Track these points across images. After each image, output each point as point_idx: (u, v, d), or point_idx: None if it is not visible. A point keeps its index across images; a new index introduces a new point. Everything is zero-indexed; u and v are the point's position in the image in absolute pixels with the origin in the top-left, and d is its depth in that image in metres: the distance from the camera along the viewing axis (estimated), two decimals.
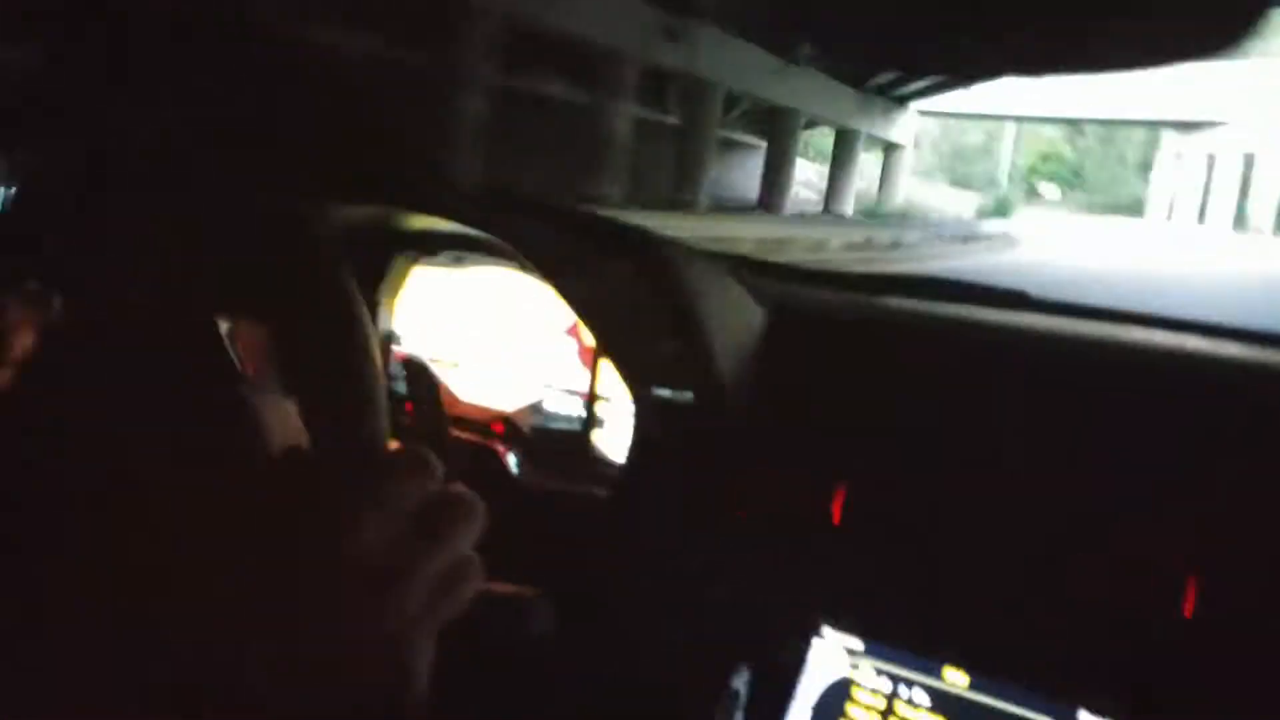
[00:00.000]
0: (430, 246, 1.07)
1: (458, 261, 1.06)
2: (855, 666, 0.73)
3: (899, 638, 0.73)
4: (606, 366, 0.95)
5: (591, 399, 0.96)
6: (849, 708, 0.71)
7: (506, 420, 1.00)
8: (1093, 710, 0.66)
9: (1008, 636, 0.71)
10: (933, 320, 0.98)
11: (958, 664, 0.71)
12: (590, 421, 0.96)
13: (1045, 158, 42.66)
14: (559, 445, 0.97)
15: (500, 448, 0.94)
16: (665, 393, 0.84)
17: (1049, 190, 41.91)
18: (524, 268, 1.02)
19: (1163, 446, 0.73)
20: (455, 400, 1.05)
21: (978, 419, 0.81)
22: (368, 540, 0.36)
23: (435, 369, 1.06)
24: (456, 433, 0.97)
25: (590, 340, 0.96)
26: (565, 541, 0.89)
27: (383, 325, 1.10)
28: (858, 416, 0.85)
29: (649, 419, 0.82)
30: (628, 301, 0.88)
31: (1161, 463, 0.73)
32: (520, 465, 0.93)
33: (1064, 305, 1.16)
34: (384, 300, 1.10)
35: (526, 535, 0.95)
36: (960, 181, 36.99)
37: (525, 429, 0.99)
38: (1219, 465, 0.71)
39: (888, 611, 0.75)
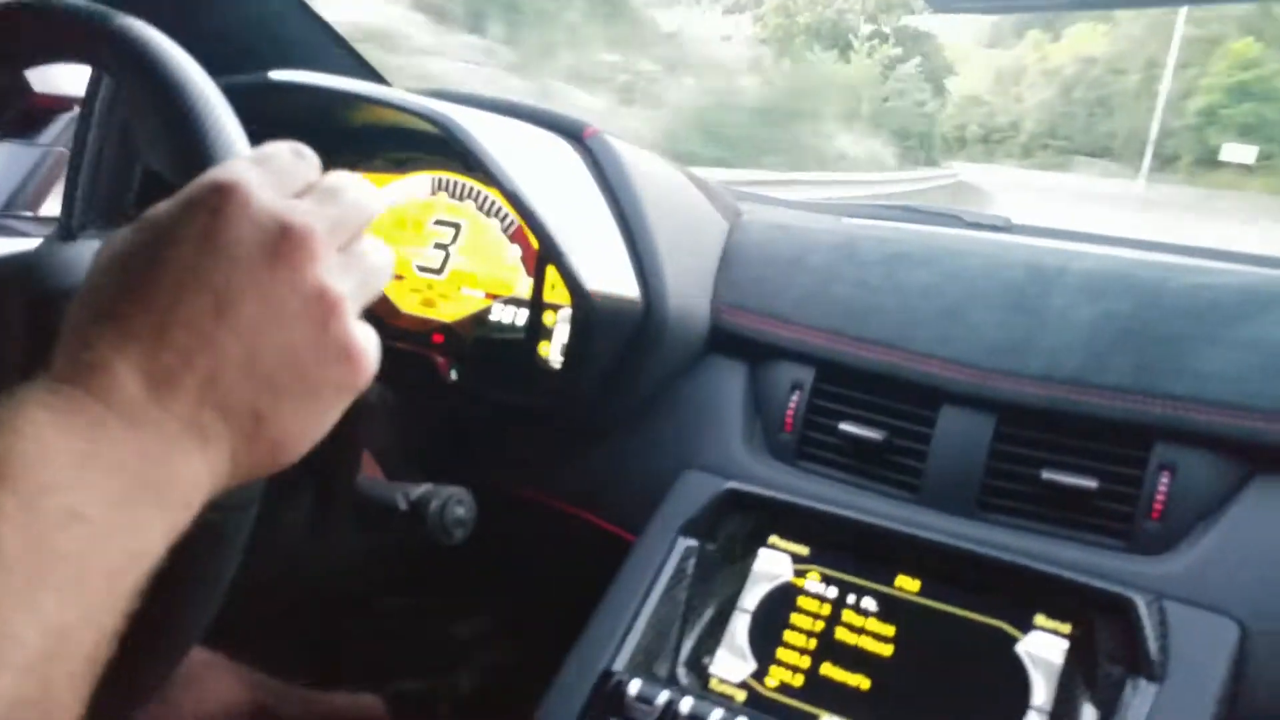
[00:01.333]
0: (368, 148, 1.01)
1: (398, 166, 1.01)
2: (801, 573, 0.69)
3: (849, 547, 0.70)
4: (552, 273, 0.90)
5: (538, 308, 0.91)
6: (793, 616, 0.67)
7: (447, 330, 0.95)
8: (1051, 616, 0.62)
9: (962, 545, 0.67)
10: (907, 233, 0.94)
11: (910, 572, 0.67)
12: (536, 331, 0.91)
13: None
14: (503, 355, 0.92)
15: (440, 358, 0.89)
16: (611, 295, 0.79)
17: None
18: (467, 169, 0.97)
19: (1127, 346, 0.69)
20: (396, 311, 1.00)
21: (945, 319, 0.76)
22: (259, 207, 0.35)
23: None
24: (396, 343, 0.93)
25: (535, 243, 0.91)
26: (499, 446, 0.85)
27: None
28: (818, 318, 0.81)
29: (592, 322, 0.77)
30: (576, 200, 0.83)
31: (1122, 359, 0.69)
32: (460, 375, 0.88)
33: (1050, 230, 1.13)
34: None
35: (462, 441, 0.92)
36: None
37: (468, 340, 0.94)
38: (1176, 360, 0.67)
39: (839, 521, 0.71)
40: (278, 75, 0.87)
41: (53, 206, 1.35)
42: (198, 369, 0.33)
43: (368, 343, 0.37)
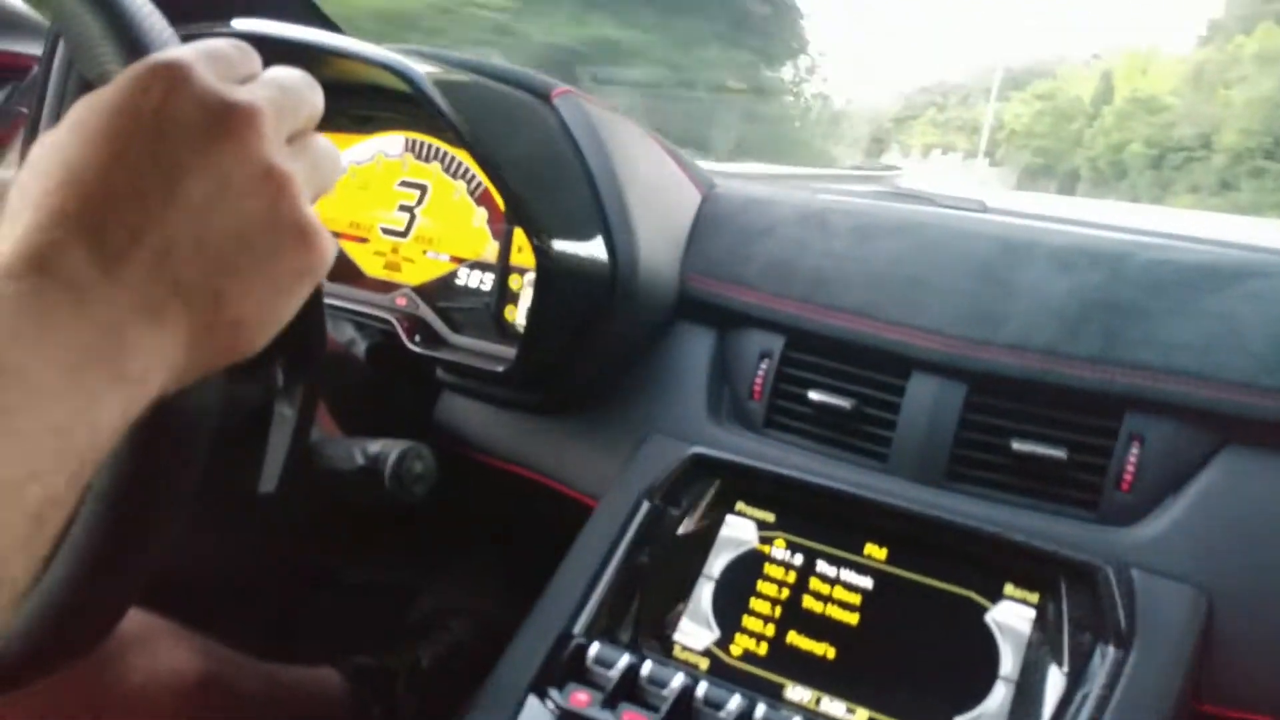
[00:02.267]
0: (332, 105, 0.99)
1: (362, 124, 0.99)
2: (767, 540, 0.68)
3: (816, 514, 0.69)
4: (520, 236, 0.88)
5: (504, 271, 0.89)
6: (759, 584, 0.66)
7: (410, 294, 0.93)
8: (1019, 585, 0.62)
9: (930, 513, 0.66)
10: (873, 208, 0.94)
11: (878, 540, 0.66)
12: (503, 295, 0.89)
13: None
14: (469, 320, 0.91)
15: (400, 322, 0.87)
16: (578, 259, 0.77)
17: None
18: (434, 129, 0.95)
19: (1099, 330, 0.69)
20: (359, 274, 0.98)
21: (915, 287, 0.76)
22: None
23: (340, 244, 0.99)
24: (354, 307, 0.91)
25: (503, 208, 0.89)
26: (462, 411, 0.83)
27: None
28: (787, 286, 0.80)
29: (556, 287, 0.76)
30: (544, 161, 0.81)
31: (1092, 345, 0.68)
32: (420, 340, 0.86)
33: (1020, 212, 1.13)
34: None
35: (423, 406, 0.90)
36: None
37: (432, 303, 0.92)
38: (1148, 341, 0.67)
39: (806, 488, 0.70)
40: (240, 24, 0.84)
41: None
42: (147, 245, 0.32)
43: (324, 231, 0.36)
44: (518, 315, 0.88)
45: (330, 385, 0.77)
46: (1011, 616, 0.61)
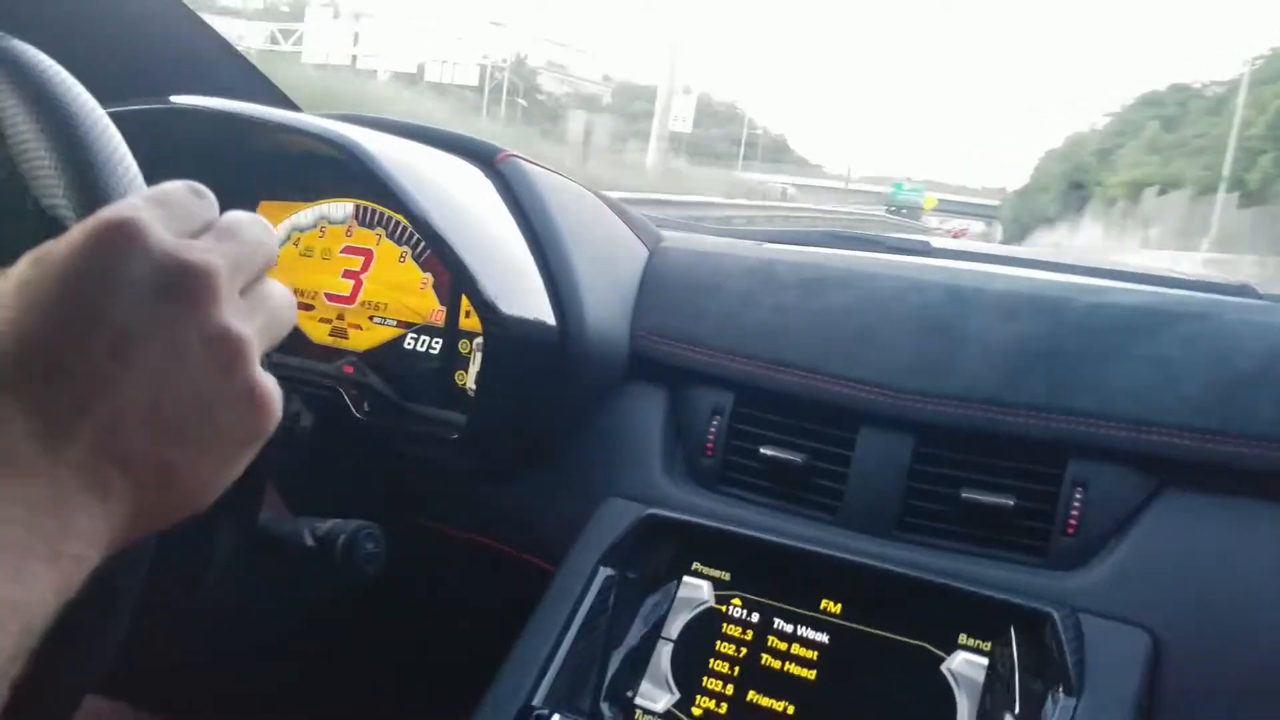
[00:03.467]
0: (275, 175, 1.00)
1: (305, 193, 1.00)
2: (723, 600, 0.69)
3: (771, 572, 0.70)
4: (467, 301, 0.89)
5: (453, 336, 0.90)
6: (717, 643, 0.67)
7: (357, 363, 0.93)
8: (973, 634, 0.63)
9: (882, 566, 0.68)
10: (826, 257, 0.96)
11: (832, 595, 0.67)
12: (453, 359, 0.90)
13: None
14: (419, 386, 0.91)
15: (347, 391, 0.87)
16: (527, 324, 0.79)
17: None
18: (376, 196, 0.96)
19: (1045, 369, 0.72)
20: (307, 343, 0.98)
21: (861, 341, 0.78)
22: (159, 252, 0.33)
23: None
24: (304, 377, 0.91)
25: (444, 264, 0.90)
26: (413, 480, 0.83)
27: None
28: (735, 343, 0.82)
29: (506, 352, 0.77)
30: (489, 226, 0.83)
31: (1036, 386, 0.71)
32: (368, 409, 0.86)
33: (968, 254, 1.17)
34: None
35: (373, 476, 0.90)
36: None
37: (380, 370, 0.92)
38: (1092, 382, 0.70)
39: (760, 546, 0.71)
40: (180, 100, 0.85)
41: None
42: (95, 416, 0.31)
43: (272, 390, 0.36)
44: (469, 380, 0.89)
45: (277, 463, 0.77)
46: (966, 666, 0.62)
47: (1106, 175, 54.21)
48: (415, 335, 0.93)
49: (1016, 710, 0.60)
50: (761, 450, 0.77)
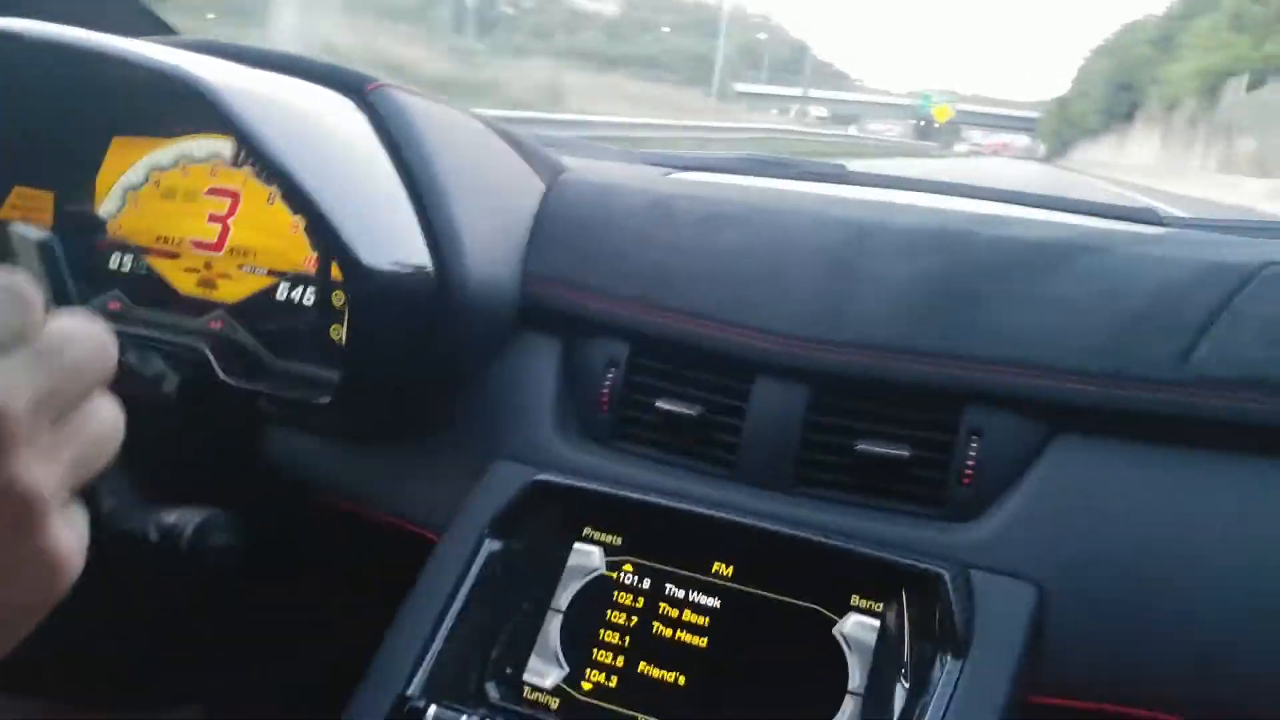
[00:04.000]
0: (126, 107, 0.92)
1: (160, 125, 0.92)
2: (614, 566, 0.67)
3: (663, 535, 0.68)
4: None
5: (326, 286, 0.85)
6: (609, 613, 0.65)
7: (225, 316, 0.87)
8: (865, 596, 0.62)
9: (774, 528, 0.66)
10: (727, 190, 0.92)
11: (725, 558, 0.66)
12: (326, 313, 0.85)
13: None
14: (293, 341, 0.86)
15: (212, 350, 0.81)
16: (390, 266, 0.73)
17: None
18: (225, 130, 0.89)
19: (949, 304, 0.70)
20: (172, 293, 0.91)
21: (759, 284, 0.75)
22: None
23: (149, 262, 0.92)
24: (161, 334, 0.84)
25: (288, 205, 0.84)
26: (286, 449, 0.79)
27: (82, 210, 0.95)
28: (629, 288, 0.78)
29: (375, 305, 0.72)
30: (355, 165, 0.77)
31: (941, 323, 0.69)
32: (238, 369, 0.81)
33: (879, 178, 1.14)
34: (84, 179, 0.95)
35: (235, 446, 0.85)
36: None
37: (251, 326, 0.86)
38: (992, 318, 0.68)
39: (652, 508, 0.69)
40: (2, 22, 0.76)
41: None
42: None
43: (71, 547, 0.32)
44: (344, 334, 0.84)
45: (135, 433, 0.72)
46: (858, 628, 0.62)
47: (1168, 68, 40.37)
48: (289, 285, 0.87)
49: (906, 673, 0.59)
50: (657, 404, 0.74)
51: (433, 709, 0.59)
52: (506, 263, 0.83)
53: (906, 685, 0.58)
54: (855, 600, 0.62)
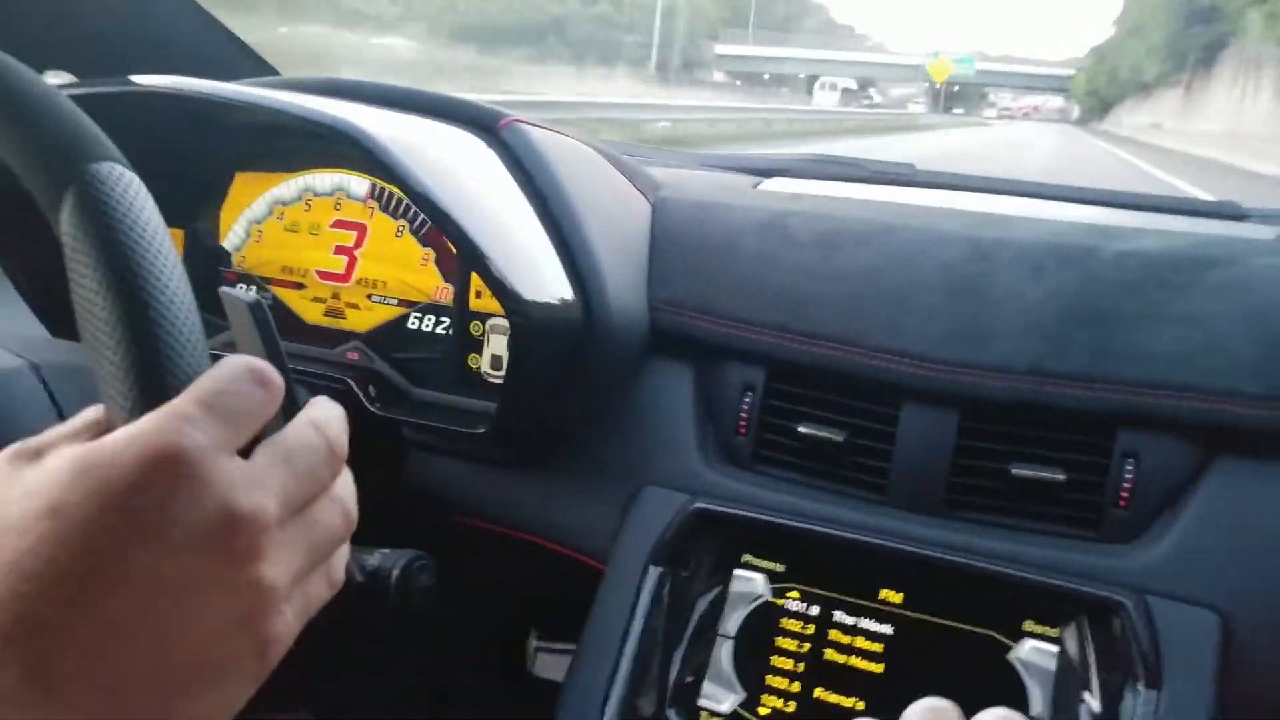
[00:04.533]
0: (255, 146, 0.94)
1: (286, 163, 0.94)
2: (780, 592, 0.69)
3: (826, 561, 0.70)
4: (477, 279, 0.86)
5: (463, 319, 0.87)
6: (778, 639, 0.67)
7: (361, 347, 0.89)
8: (1040, 621, 0.64)
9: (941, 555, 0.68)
10: (832, 205, 0.94)
11: (891, 584, 0.67)
12: (464, 344, 0.87)
13: None
14: (427, 371, 0.88)
15: (353, 380, 0.84)
16: (550, 306, 0.75)
17: None
18: (368, 168, 0.91)
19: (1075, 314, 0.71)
20: (300, 324, 0.94)
21: (893, 306, 0.76)
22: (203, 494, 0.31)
23: (274, 292, 0.95)
24: (302, 365, 0.87)
25: (454, 250, 0.86)
26: (437, 475, 0.81)
27: (207, 244, 0.97)
28: (761, 313, 0.80)
29: (532, 338, 0.74)
30: (498, 201, 0.79)
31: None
32: (376, 399, 0.83)
33: (951, 178, 1.15)
34: (209, 214, 0.97)
35: (391, 476, 0.87)
36: None
37: (386, 356, 0.89)
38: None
39: (812, 535, 0.71)
40: (142, 80, 0.78)
41: None
42: (101, 669, 0.29)
43: (289, 629, 0.34)
44: (483, 364, 0.86)
45: None
46: (1035, 654, 0.63)
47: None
48: (419, 315, 0.90)
49: (1093, 701, 0.61)
50: (799, 429, 0.76)
51: None
52: (635, 287, 0.85)
53: (1096, 712, 0.60)
54: (1029, 626, 0.64)
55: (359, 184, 0.92)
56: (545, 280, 0.76)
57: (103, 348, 0.35)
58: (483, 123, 0.83)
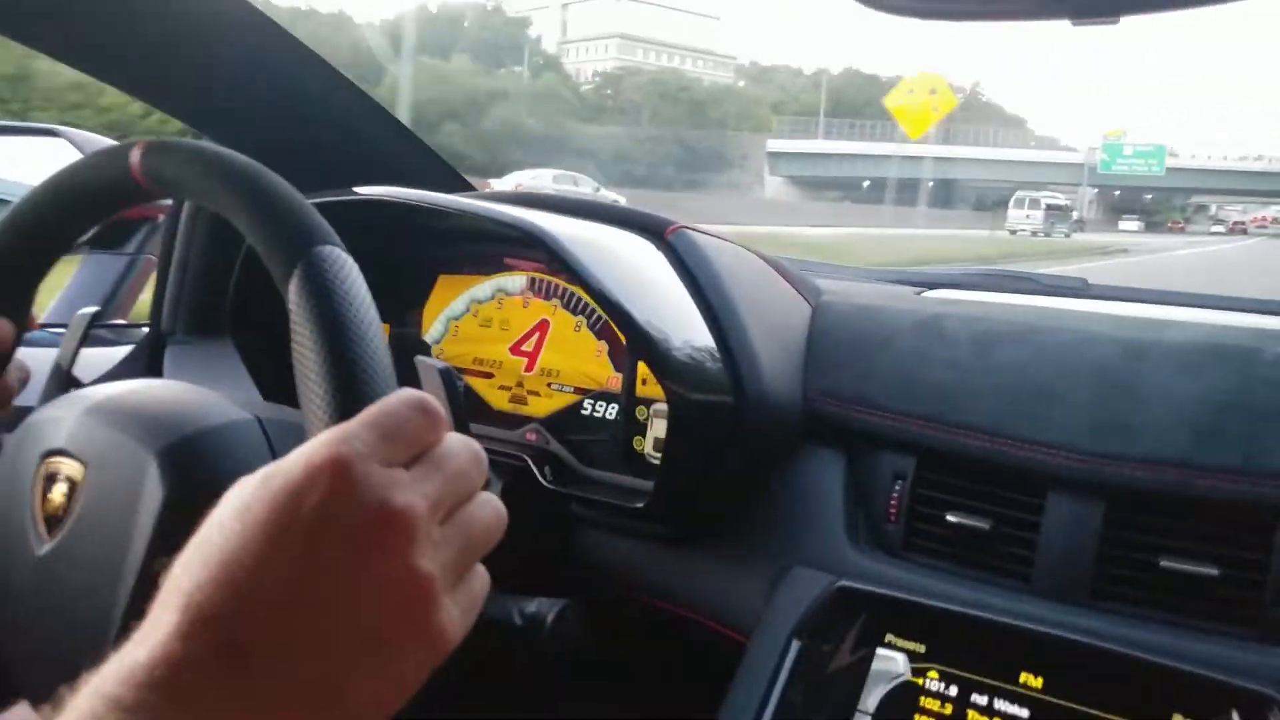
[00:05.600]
0: (454, 249, 1.08)
1: (484, 266, 1.08)
2: (920, 672, 0.72)
3: (967, 643, 0.72)
4: (644, 368, 0.95)
5: (630, 402, 0.96)
6: (916, 717, 0.70)
7: (540, 429, 1.00)
8: (1188, 714, 0.64)
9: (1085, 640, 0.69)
10: (990, 308, 0.98)
11: (1032, 668, 0.69)
12: (630, 427, 0.96)
13: None
14: (596, 452, 0.97)
15: (531, 459, 0.94)
16: (707, 394, 0.83)
17: None
18: (550, 269, 1.03)
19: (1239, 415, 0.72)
20: (488, 409, 1.06)
21: (1042, 400, 0.79)
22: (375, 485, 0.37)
23: (467, 380, 1.08)
24: (487, 446, 0.98)
25: (624, 340, 0.96)
26: (595, 549, 0.89)
27: (411, 337, 1.12)
28: (913, 404, 0.84)
29: (689, 422, 0.82)
30: (665, 298, 0.88)
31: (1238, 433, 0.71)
32: (550, 475, 0.93)
33: (1124, 290, 1.16)
34: (413, 311, 1.12)
35: (551, 545, 0.96)
36: None
37: (561, 438, 0.99)
38: None
39: (954, 617, 0.74)
40: (363, 191, 0.94)
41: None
42: (276, 647, 0.35)
43: (453, 626, 0.39)
44: (646, 446, 0.95)
45: None
46: None
47: None
48: (592, 401, 1.00)
49: None
50: (948, 517, 0.80)
51: None
52: (790, 380, 0.91)
53: None
54: (1178, 719, 0.64)
55: (545, 283, 1.05)
56: (704, 368, 0.84)
57: (313, 392, 0.46)
58: (652, 228, 0.94)
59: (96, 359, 1.23)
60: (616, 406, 0.97)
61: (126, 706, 0.33)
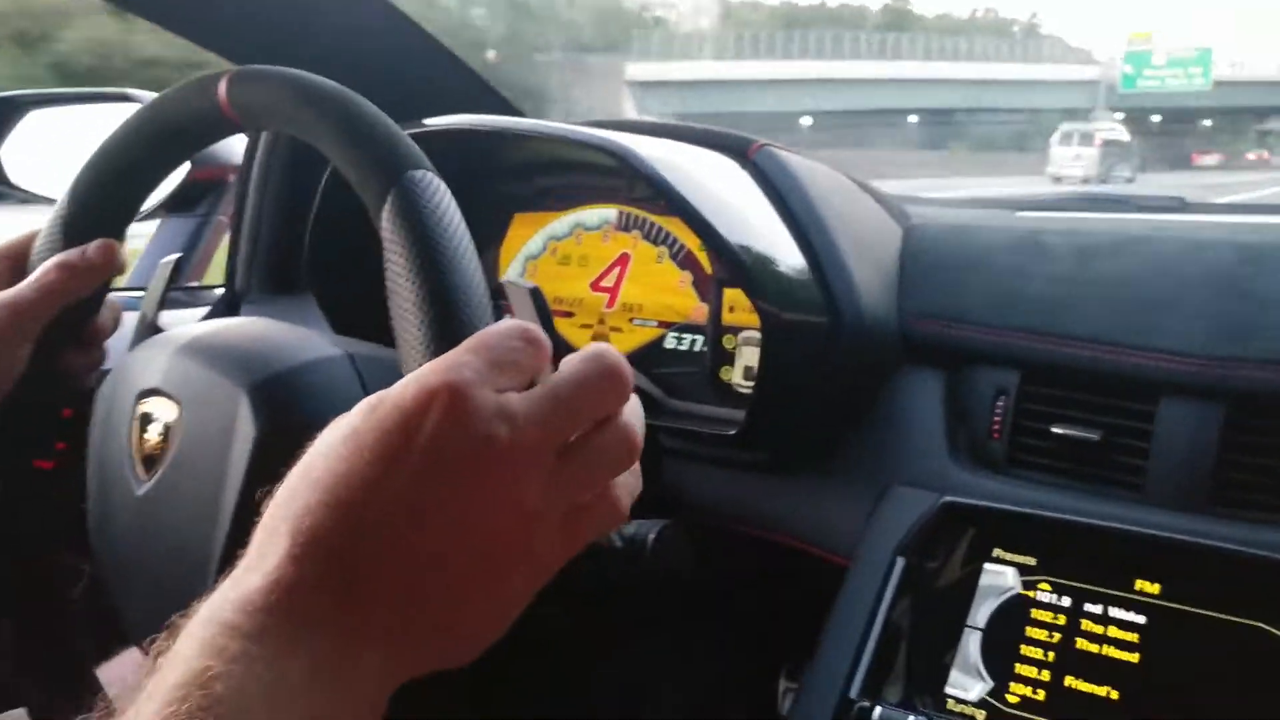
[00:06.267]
0: (527, 184, 1.09)
1: (561, 201, 1.08)
2: (1030, 585, 0.71)
3: (1078, 554, 0.72)
4: (730, 295, 0.95)
5: (717, 332, 0.96)
6: (1028, 629, 0.70)
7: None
8: None
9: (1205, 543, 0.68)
10: (1090, 222, 0.96)
11: (1148, 575, 0.69)
12: (718, 356, 0.96)
13: None
14: (684, 384, 0.98)
15: None
16: (801, 316, 0.83)
17: None
18: (631, 199, 1.04)
19: None
20: (570, 350, 1.07)
21: (1153, 308, 0.78)
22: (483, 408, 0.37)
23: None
24: None
25: (710, 269, 0.96)
26: (691, 477, 0.90)
27: (489, 279, 1.13)
28: (1015, 318, 0.83)
29: (783, 346, 0.82)
30: (754, 218, 0.88)
31: None
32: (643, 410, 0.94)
33: (1224, 206, 1.14)
34: (489, 252, 1.14)
35: (650, 479, 0.97)
36: None
37: (646, 371, 1.00)
38: None
39: (1065, 527, 0.73)
40: (436, 122, 0.95)
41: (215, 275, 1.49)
42: (388, 572, 0.36)
43: (555, 554, 0.39)
44: (734, 375, 0.95)
45: None
46: None
47: None
48: (676, 334, 1.00)
49: None
50: (1053, 429, 0.79)
51: (878, 710, 0.67)
52: (885, 301, 0.91)
53: None
54: None
55: (626, 215, 1.05)
56: (796, 289, 0.84)
57: (408, 317, 0.47)
58: (734, 146, 0.94)
59: (174, 321, 1.27)
60: (702, 338, 0.98)
61: (246, 633, 0.33)
